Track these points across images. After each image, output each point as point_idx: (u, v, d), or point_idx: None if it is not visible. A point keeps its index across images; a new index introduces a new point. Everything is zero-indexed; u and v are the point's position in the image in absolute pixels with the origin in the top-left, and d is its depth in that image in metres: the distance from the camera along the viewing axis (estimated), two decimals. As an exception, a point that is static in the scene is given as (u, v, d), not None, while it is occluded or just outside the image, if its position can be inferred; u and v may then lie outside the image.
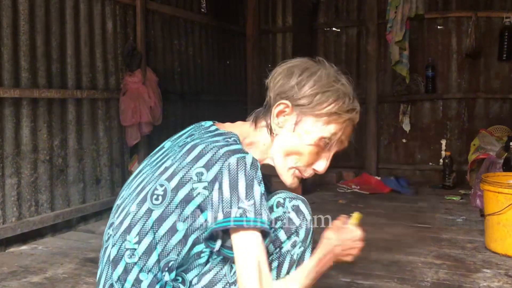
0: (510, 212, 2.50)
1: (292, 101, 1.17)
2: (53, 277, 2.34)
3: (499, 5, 4.63)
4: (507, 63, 4.61)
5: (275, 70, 1.22)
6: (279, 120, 1.19)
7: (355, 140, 5.24)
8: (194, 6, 4.59)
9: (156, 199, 1.10)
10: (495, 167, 3.50)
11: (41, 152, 2.99)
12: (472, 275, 2.29)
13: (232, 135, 1.16)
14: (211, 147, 1.10)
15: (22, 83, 2.86)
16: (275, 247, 1.18)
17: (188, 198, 1.07)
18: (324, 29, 5.43)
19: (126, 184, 1.26)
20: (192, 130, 1.24)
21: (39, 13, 2.96)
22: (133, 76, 3.60)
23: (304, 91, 1.15)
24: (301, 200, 1.23)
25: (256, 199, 1.04)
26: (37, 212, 2.97)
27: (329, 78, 1.18)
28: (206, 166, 1.07)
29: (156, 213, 1.09)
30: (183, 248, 1.10)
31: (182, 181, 1.08)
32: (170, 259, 1.09)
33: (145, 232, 1.09)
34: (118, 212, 1.18)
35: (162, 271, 1.09)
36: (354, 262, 1.29)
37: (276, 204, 1.22)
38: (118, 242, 1.12)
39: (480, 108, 4.80)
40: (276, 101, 1.18)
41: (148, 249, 1.09)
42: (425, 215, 3.49)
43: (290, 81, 1.17)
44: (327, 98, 1.16)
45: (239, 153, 1.07)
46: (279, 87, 1.19)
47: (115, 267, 1.11)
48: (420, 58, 4.93)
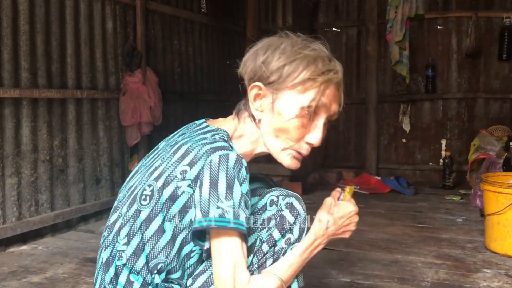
0: (510, 212, 2.50)
1: (263, 81, 1.13)
2: (53, 277, 2.34)
3: (499, 5, 4.63)
4: (507, 63, 4.61)
5: (244, 57, 1.18)
6: (257, 105, 1.16)
7: (355, 140, 5.29)
8: (194, 6, 4.59)
9: (144, 199, 1.09)
10: (495, 167, 3.50)
11: (41, 152, 2.99)
12: (472, 275, 2.29)
13: (220, 131, 1.15)
14: (196, 145, 1.08)
15: (22, 83, 2.86)
16: (269, 246, 1.16)
17: (173, 197, 1.06)
18: (324, 29, 5.43)
19: (123, 185, 1.26)
20: (185, 129, 1.24)
21: (39, 13, 2.96)
22: (133, 76, 3.60)
23: (271, 67, 1.11)
24: (294, 197, 1.20)
25: (235, 200, 1.02)
26: (37, 212, 2.97)
27: (294, 46, 1.12)
28: (190, 164, 1.06)
29: (144, 214, 1.08)
30: (172, 249, 1.08)
31: (168, 180, 1.07)
32: (159, 261, 1.08)
33: (133, 233, 1.08)
34: (112, 214, 1.18)
35: (151, 273, 1.08)
36: (350, 237, 1.26)
37: (269, 202, 1.20)
38: (110, 245, 1.12)
39: (480, 108, 4.80)
40: (250, 84, 1.15)
41: (136, 250, 1.08)
42: (425, 215, 3.49)
43: (256, 62, 1.13)
44: (296, 67, 1.10)
45: (222, 150, 1.05)
46: (249, 72, 1.15)
47: (107, 270, 1.11)
48: (420, 58, 4.93)
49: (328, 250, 2.63)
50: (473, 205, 3.53)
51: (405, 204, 3.89)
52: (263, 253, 1.16)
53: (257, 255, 1.16)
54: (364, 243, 2.79)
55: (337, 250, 2.66)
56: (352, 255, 2.59)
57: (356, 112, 5.29)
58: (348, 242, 2.80)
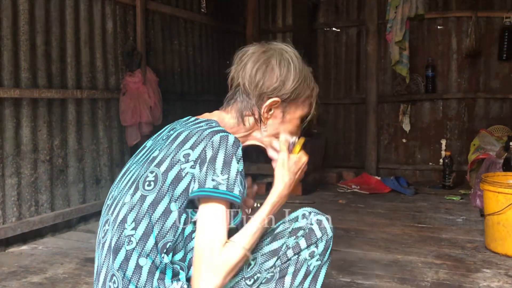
0: (510, 212, 2.50)
1: (280, 97, 1.28)
2: (53, 277, 2.34)
3: (499, 5, 4.63)
4: (507, 63, 4.61)
5: (243, 59, 1.31)
6: (269, 113, 1.30)
7: (355, 140, 5.29)
8: (194, 6, 4.59)
9: (148, 185, 1.14)
10: (495, 167, 3.50)
11: (41, 152, 2.99)
12: (472, 275, 2.29)
13: (212, 121, 1.25)
14: (195, 131, 1.18)
15: (22, 83, 2.86)
16: (294, 253, 1.23)
17: (178, 178, 1.13)
18: (324, 29, 5.43)
19: (114, 184, 1.29)
20: (173, 125, 1.33)
21: (39, 13, 2.96)
22: (133, 76, 3.60)
23: (288, 88, 1.27)
24: (325, 218, 1.29)
25: (231, 175, 1.11)
26: (37, 212, 2.97)
27: (300, 65, 1.30)
28: (192, 147, 1.15)
29: (150, 198, 1.13)
30: (178, 228, 1.13)
31: (171, 164, 1.14)
32: (167, 240, 1.12)
33: (141, 217, 1.13)
34: (111, 209, 1.20)
35: (161, 252, 1.11)
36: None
37: (301, 215, 1.29)
38: (116, 233, 1.14)
39: (480, 108, 4.80)
40: (263, 97, 1.27)
41: (145, 233, 1.12)
42: (425, 215, 3.49)
43: (273, 77, 1.26)
44: (303, 88, 1.30)
45: (223, 132, 1.16)
46: (265, 87, 1.26)
47: (116, 257, 1.13)
48: (420, 58, 4.93)
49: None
50: (473, 205, 3.53)
51: (405, 204, 3.89)
52: (287, 258, 1.23)
53: (281, 259, 1.23)
54: (364, 243, 2.79)
55: (337, 250, 2.66)
56: (352, 255, 2.59)
57: (356, 112, 5.29)
58: (348, 242, 2.80)
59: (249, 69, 1.27)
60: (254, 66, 1.27)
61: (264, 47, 1.30)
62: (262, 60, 1.27)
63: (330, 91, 5.35)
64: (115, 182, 1.29)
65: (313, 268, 1.25)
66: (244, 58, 1.30)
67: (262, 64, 1.27)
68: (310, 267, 1.24)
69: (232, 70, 1.34)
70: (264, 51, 1.28)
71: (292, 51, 1.30)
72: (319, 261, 1.25)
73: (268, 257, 1.23)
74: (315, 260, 1.24)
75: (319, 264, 1.25)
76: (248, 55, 1.30)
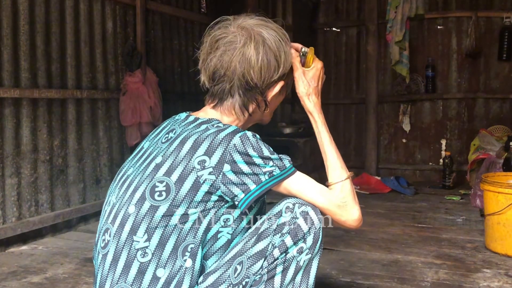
0: (510, 212, 2.50)
1: (282, 78, 1.32)
2: (53, 277, 2.34)
3: (499, 5, 4.62)
4: (507, 63, 4.61)
5: (226, 48, 1.28)
6: (276, 96, 1.34)
7: (355, 140, 5.28)
8: (194, 6, 4.58)
9: (159, 195, 1.11)
10: (495, 167, 3.50)
11: (41, 152, 2.99)
12: (472, 275, 2.29)
13: (213, 121, 1.22)
14: (205, 136, 1.16)
15: (22, 83, 2.86)
16: (280, 252, 1.16)
17: (196, 186, 1.12)
18: (324, 29, 5.42)
19: (112, 188, 1.25)
20: (170, 125, 1.27)
21: (39, 13, 2.95)
22: (133, 76, 3.60)
23: (286, 66, 1.31)
24: (311, 207, 1.20)
25: (273, 158, 1.17)
26: (37, 212, 2.97)
27: (280, 35, 1.33)
28: (207, 153, 1.13)
29: (163, 208, 1.11)
30: (198, 229, 1.13)
31: (185, 172, 1.12)
32: (188, 243, 1.11)
33: (153, 228, 1.10)
34: (111, 217, 1.17)
35: (183, 255, 1.10)
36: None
37: (285, 209, 1.20)
38: (126, 246, 1.11)
39: (480, 108, 4.80)
40: (270, 86, 1.29)
41: (161, 242, 1.10)
42: (425, 215, 3.49)
43: (270, 66, 1.27)
44: (290, 54, 1.33)
45: (238, 132, 1.17)
46: (269, 75, 1.27)
47: (128, 271, 1.10)
48: (420, 58, 4.92)
49: (328, 250, 2.63)
50: (473, 205, 3.52)
51: (405, 204, 3.89)
52: (274, 258, 1.16)
53: (267, 260, 1.16)
54: (364, 243, 2.79)
55: (337, 250, 2.66)
56: (352, 255, 2.59)
57: (356, 112, 5.28)
58: (348, 242, 2.80)
59: (252, 62, 1.24)
60: (256, 57, 1.24)
61: (243, 30, 1.31)
62: (262, 51, 1.25)
63: (330, 91, 5.34)
64: (113, 185, 1.26)
65: (303, 262, 1.18)
66: (228, 47, 1.26)
67: (263, 55, 1.25)
68: (300, 262, 1.17)
69: (213, 59, 1.28)
70: (250, 37, 1.27)
71: (263, 23, 1.33)
72: (309, 255, 1.18)
73: (255, 260, 1.16)
74: (305, 255, 1.17)
75: (309, 257, 1.19)
76: (231, 42, 1.27)
